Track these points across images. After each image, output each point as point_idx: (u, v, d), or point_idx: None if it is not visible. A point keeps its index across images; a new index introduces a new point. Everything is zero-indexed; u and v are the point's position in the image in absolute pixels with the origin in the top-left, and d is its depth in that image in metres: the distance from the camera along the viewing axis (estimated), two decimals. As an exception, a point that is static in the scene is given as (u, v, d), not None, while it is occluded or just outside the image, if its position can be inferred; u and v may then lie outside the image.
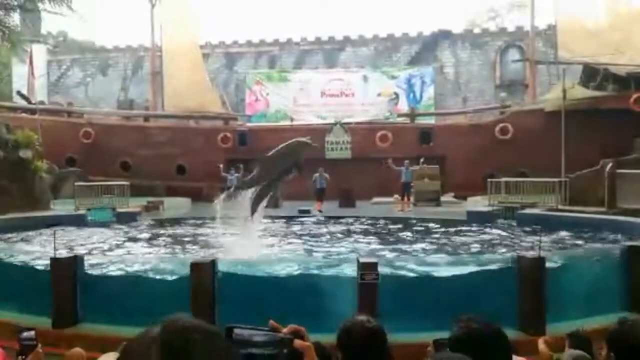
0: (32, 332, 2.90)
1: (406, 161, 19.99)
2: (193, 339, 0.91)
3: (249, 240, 9.56)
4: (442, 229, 13.42)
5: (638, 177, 13.97)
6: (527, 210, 14.93)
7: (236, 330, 1.24)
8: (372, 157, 23.64)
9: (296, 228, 14.37)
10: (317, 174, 19.64)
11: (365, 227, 14.43)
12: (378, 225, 14.70)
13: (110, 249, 10.64)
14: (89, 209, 15.86)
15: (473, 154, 22.45)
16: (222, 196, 10.63)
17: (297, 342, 1.31)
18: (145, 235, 13.01)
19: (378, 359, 2.14)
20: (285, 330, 1.33)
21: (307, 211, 17.40)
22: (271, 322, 1.31)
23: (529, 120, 22.31)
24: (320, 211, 18.12)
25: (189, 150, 24.32)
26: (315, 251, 10.46)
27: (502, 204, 16.00)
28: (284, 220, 15.53)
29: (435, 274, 6.32)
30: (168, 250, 10.62)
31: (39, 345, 3.03)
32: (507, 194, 16.57)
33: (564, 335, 4.03)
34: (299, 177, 21.83)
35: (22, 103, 25.91)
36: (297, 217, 16.34)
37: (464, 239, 12.05)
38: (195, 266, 5.76)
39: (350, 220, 15.46)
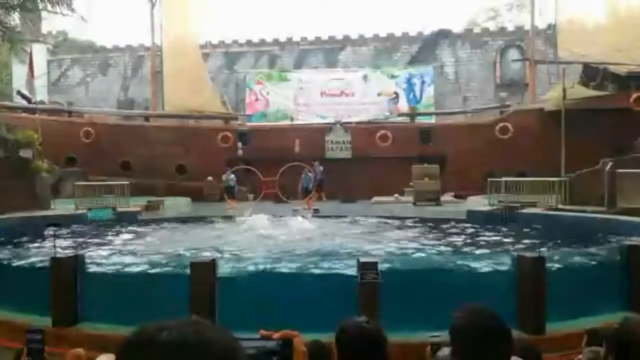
0: (39, 335, 2.85)
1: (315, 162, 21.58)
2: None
3: None
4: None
5: (638, 176, 13.97)
6: (527, 210, 14.94)
7: None
8: (372, 157, 23.67)
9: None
10: (316, 165, 21.00)
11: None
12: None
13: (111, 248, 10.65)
14: (89, 209, 15.88)
15: (473, 153, 22.44)
16: None
17: (296, 343, 1.31)
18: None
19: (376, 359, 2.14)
20: (276, 335, 1.33)
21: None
22: (261, 331, 1.31)
23: (529, 120, 22.32)
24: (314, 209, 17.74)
25: (189, 149, 24.34)
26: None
27: (502, 203, 16.00)
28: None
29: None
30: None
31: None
32: (507, 194, 16.57)
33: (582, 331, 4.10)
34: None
35: (22, 103, 25.91)
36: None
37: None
38: (195, 266, 5.76)
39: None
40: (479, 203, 17.92)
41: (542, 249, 6.18)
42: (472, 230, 13.35)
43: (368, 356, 2.11)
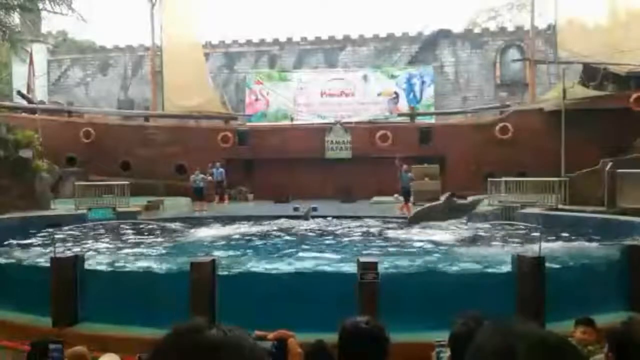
0: (59, 345, 2.85)
1: (405, 165, 19.63)
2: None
3: None
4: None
5: (638, 176, 13.97)
6: (527, 210, 14.93)
7: None
8: (372, 157, 23.66)
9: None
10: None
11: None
12: None
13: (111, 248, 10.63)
14: (89, 209, 15.86)
15: (473, 153, 22.44)
16: None
17: (291, 343, 1.31)
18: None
19: (377, 359, 2.14)
20: (271, 336, 1.33)
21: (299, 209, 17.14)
22: (256, 332, 1.31)
23: (529, 120, 22.31)
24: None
25: (189, 149, 24.32)
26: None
27: (502, 203, 16.00)
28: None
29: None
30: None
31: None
32: (507, 194, 16.57)
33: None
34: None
35: (22, 103, 25.90)
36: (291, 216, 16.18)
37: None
38: (195, 265, 5.75)
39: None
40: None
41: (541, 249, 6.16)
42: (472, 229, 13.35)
43: (367, 356, 2.11)
